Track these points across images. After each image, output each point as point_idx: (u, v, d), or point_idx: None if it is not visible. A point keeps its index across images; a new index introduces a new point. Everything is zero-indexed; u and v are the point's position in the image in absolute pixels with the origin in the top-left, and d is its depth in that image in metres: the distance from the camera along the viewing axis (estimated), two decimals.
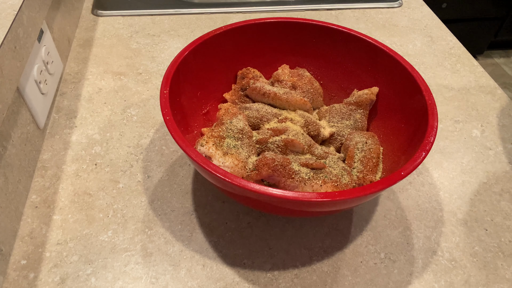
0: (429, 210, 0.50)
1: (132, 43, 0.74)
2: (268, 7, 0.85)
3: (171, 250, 0.45)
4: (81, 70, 0.67)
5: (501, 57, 2.20)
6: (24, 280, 0.41)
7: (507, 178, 0.54)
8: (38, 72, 0.53)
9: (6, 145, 0.44)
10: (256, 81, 0.54)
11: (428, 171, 0.55)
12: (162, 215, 0.48)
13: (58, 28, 0.65)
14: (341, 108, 0.53)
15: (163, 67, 0.69)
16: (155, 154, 0.54)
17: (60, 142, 0.55)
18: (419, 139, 0.42)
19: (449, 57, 0.75)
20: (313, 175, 0.41)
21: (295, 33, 0.56)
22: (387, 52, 0.51)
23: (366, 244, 0.46)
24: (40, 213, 0.47)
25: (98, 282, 0.42)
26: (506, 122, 0.62)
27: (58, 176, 0.51)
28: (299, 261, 0.44)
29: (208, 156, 0.42)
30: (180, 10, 0.83)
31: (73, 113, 0.59)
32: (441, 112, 0.63)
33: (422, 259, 0.45)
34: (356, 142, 0.48)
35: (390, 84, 0.52)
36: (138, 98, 0.62)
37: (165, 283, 0.42)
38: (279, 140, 0.46)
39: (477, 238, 0.47)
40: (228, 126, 0.45)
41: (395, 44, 0.77)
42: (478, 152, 0.57)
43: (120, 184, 0.51)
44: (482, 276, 0.44)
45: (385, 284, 0.43)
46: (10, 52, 0.43)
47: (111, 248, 0.44)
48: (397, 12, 0.86)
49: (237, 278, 0.43)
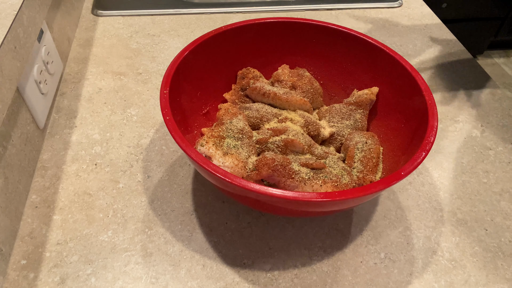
0: (429, 210, 0.50)
1: (132, 43, 0.74)
2: (268, 7, 0.85)
3: (171, 250, 0.45)
4: (81, 70, 0.67)
5: (501, 57, 2.20)
6: (24, 280, 0.41)
7: (507, 178, 0.54)
8: (38, 72, 0.53)
9: (6, 145, 0.44)
10: (256, 81, 0.54)
11: (428, 171, 0.55)
12: (162, 215, 0.48)
13: (58, 28, 0.65)
14: (341, 108, 0.53)
15: (163, 67, 0.69)
16: (155, 154, 0.54)
17: (60, 142, 0.55)
18: (419, 139, 0.42)
19: (449, 57, 0.75)
20: (313, 175, 0.41)
21: (295, 33, 0.56)
22: (387, 52, 0.51)
23: (366, 244, 0.46)
24: (40, 213, 0.47)
25: (98, 282, 0.42)
26: (506, 122, 0.62)
27: (58, 176, 0.51)
28: (299, 261, 0.44)
29: (208, 156, 0.42)
30: (180, 10, 0.83)
31: (73, 113, 0.59)
32: (441, 112, 0.63)
33: (422, 259, 0.45)
34: (356, 142, 0.48)
35: (390, 84, 0.52)
36: (138, 98, 0.62)
37: (165, 283, 0.42)
38: (279, 140, 0.46)
39: (477, 238, 0.47)
40: (228, 126, 0.45)
41: (395, 44, 0.77)
42: (478, 152, 0.57)
43: (120, 184, 0.51)
44: (482, 276, 0.44)
45: (385, 284, 0.43)
46: (10, 52, 0.43)
47: (111, 248, 0.44)
48: (397, 12, 0.86)
49: (237, 278, 0.43)
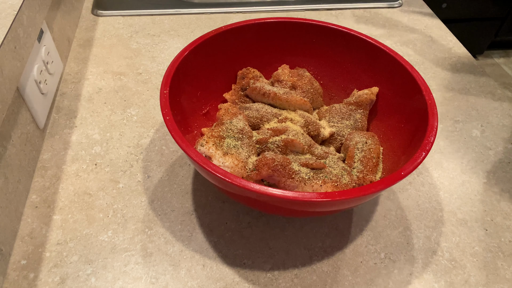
0: (429, 210, 0.50)
1: (132, 43, 0.74)
2: (268, 7, 0.85)
3: (171, 250, 0.45)
4: (81, 70, 0.67)
5: (501, 57, 2.20)
6: (24, 280, 0.41)
7: (507, 178, 0.54)
8: (38, 72, 0.53)
9: (6, 145, 0.44)
10: (256, 81, 0.54)
11: (428, 171, 0.55)
12: (162, 215, 0.48)
13: (58, 28, 0.65)
14: (341, 108, 0.53)
15: (163, 67, 0.69)
16: (155, 154, 0.54)
17: (60, 142, 0.55)
18: (419, 139, 0.42)
19: (449, 57, 0.75)
20: (313, 175, 0.41)
21: (295, 33, 0.56)
22: (387, 52, 0.51)
23: (366, 244, 0.46)
24: (40, 213, 0.47)
25: (98, 282, 0.42)
26: (506, 122, 0.62)
27: (58, 176, 0.51)
28: (299, 261, 0.44)
29: (208, 156, 0.42)
30: (180, 10, 0.83)
31: (73, 113, 0.59)
32: (441, 112, 0.63)
33: (422, 259, 0.45)
34: (356, 142, 0.48)
35: (390, 84, 0.52)
36: (138, 98, 0.62)
37: (165, 283, 0.42)
38: (279, 140, 0.46)
39: (477, 238, 0.47)
40: (228, 126, 0.45)
41: (395, 44, 0.77)
42: (478, 152, 0.57)
43: (120, 184, 0.51)
44: (482, 276, 0.44)
45: (385, 284, 0.43)
46: (10, 52, 0.43)
47: (111, 248, 0.44)
48: (397, 12, 0.86)
49: (237, 278, 0.43)
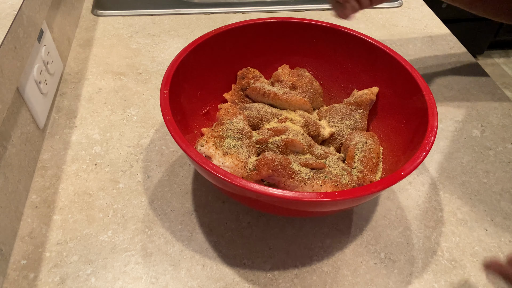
0: (429, 210, 0.50)
1: (132, 43, 0.74)
2: (268, 7, 0.85)
3: (171, 250, 0.45)
4: (81, 70, 0.67)
5: (501, 57, 2.20)
6: (24, 280, 0.41)
7: (507, 178, 0.54)
8: (38, 72, 0.53)
9: (6, 145, 0.44)
10: (256, 81, 0.54)
11: (428, 171, 0.55)
12: (162, 215, 0.48)
13: (58, 28, 0.65)
14: (341, 108, 0.53)
15: (163, 67, 0.69)
16: (155, 154, 0.54)
17: (60, 142, 0.55)
18: (419, 139, 0.42)
19: (449, 57, 0.75)
20: (313, 175, 0.41)
21: (295, 33, 0.56)
22: (387, 52, 0.51)
23: (366, 244, 0.46)
24: (40, 213, 0.47)
25: (98, 282, 0.42)
26: (506, 122, 0.62)
27: (58, 176, 0.51)
28: (299, 261, 0.44)
29: (208, 156, 0.42)
30: (180, 10, 0.83)
31: (73, 113, 0.59)
32: (441, 112, 0.63)
33: (422, 259, 0.45)
34: (356, 142, 0.48)
35: (390, 84, 0.52)
36: (138, 98, 0.62)
37: (165, 283, 0.42)
38: (279, 140, 0.46)
39: (477, 238, 0.47)
40: (228, 126, 0.45)
41: (395, 44, 0.77)
42: (478, 152, 0.57)
43: (120, 184, 0.51)
44: (482, 276, 0.44)
45: (385, 284, 0.43)
46: (10, 52, 0.43)
47: (111, 248, 0.44)
48: (397, 12, 0.86)
49: (237, 278, 0.43)
